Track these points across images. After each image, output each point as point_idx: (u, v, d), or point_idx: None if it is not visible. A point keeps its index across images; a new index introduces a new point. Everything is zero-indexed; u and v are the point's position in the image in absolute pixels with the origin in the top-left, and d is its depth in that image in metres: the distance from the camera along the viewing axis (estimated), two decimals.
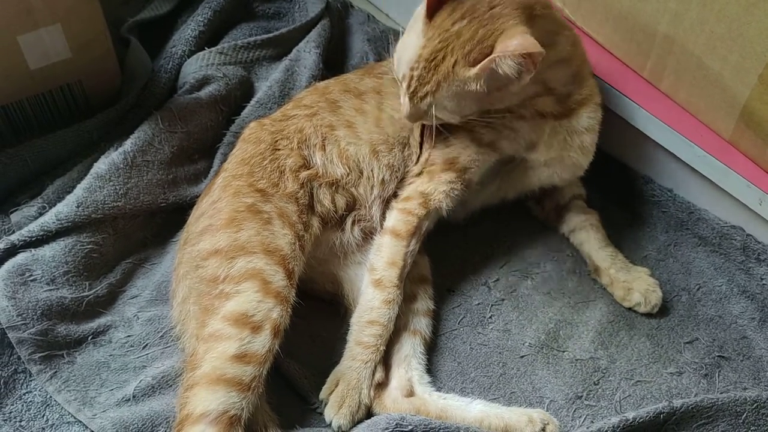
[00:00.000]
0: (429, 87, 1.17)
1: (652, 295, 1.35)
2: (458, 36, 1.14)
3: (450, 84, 1.16)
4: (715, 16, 1.28)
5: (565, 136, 1.30)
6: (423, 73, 1.17)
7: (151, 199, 1.37)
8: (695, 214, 1.48)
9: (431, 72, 1.17)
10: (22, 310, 1.19)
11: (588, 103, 1.31)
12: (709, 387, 1.26)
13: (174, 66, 1.59)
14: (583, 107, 1.31)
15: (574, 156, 1.32)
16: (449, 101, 1.18)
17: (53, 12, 1.34)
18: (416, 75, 1.18)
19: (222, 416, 1.03)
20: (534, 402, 1.24)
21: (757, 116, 1.30)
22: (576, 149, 1.31)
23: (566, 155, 1.32)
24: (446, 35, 1.15)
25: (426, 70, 1.17)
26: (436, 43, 1.16)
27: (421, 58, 1.17)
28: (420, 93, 1.19)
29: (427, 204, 1.29)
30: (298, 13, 1.79)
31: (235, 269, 1.14)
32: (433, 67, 1.16)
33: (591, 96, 1.32)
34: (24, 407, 1.15)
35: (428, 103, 1.19)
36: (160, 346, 1.25)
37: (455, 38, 1.14)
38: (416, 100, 1.20)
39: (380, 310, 1.23)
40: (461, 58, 1.14)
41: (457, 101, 1.19)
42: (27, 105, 1.42)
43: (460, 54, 1.14)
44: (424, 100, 1.19)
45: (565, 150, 1.31)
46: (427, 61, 1.16)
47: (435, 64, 1.16)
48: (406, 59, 1.20)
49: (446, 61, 1.15)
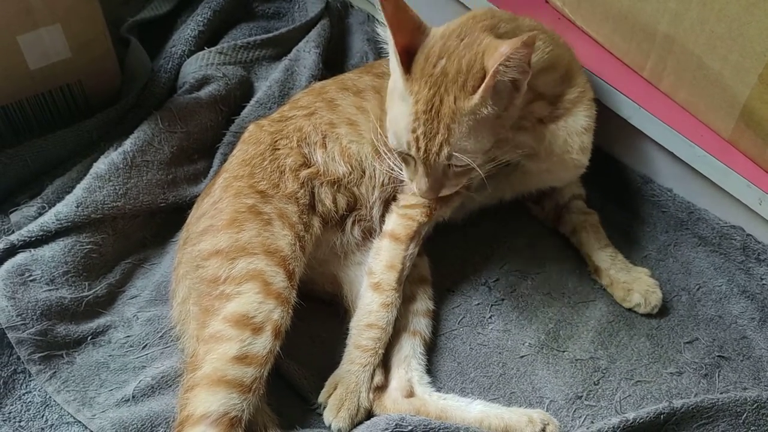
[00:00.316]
0: (440, 136, 1.12)
1: (652, 296, 1.35)
2: (445, 74, 1.11)
3: (460, 121, 1.11)
4: (715, 16, 1.28)
5: (566, 137, 1.29)
6: (427, 128, 1.12)
7: (150, 199, 1.37)
8: (695, 214, 1.48)
9: (435, 120, 1.12)
10: (21, 310, 1.19)
11: (582, 101, 1.30)
12: (709, 387, 1.26)
13: (174, 66, 1.59)
14: (577, 106, 1.30)
15: (576, 158, 1.31)
16: (466, 140, 1.12)
17: (53, 12, 1.34)
18: (420, 133, 1.12)
19: (222, 417, 1.03)
20: (534, 402, 1.24)
21: (757, 116, 1.30)
22: (578, 151, 1.30)
23: (568, 158, 1.31)
24: (433, 79, 1.12)
25: (428, 122, 1.12)
26: (426, 92, 1.12)
27: (419, 114, 1.12)
28: (433, 148, 1.13)
29: (430, 213, 1.29)
30: (297, 12, 1.79)
31: (236, 270, 1.13)
32: (434, 115, 1.12)
33: (584, 93, 1.31)
34: (23, 407, 1.15)
35: (447, 153, 1.12)
36: (160, 346, 1.25)
37: (443, 78, 1.11)
38: (432, 158, 1.13)
39: (379, 314, 1.23)
40: (459, 92, 1.11)
41: (474, 137, 1.13)
42: (27, 105, 1.42)
43: (457, 89, 1.11)
44: (442, 152, 1.12)
45: (567, 152, 1.30)
46: (426, 113, 1.12)
47: (435, 111, 1.11)
48: (403, 127, 1.14)
49: (446, 102, 1.11)
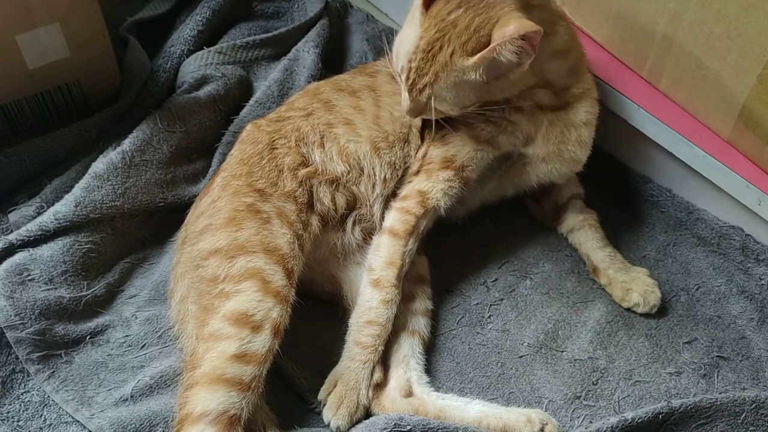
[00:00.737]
0: (427, 78, 1.16)
1: (651, 296, 1.35)
2: (455, 25, 1.14)
3: (448, 74, 1.15)
4: (714, 16, 1.28)
5: (562, 129, 1.30)
6: (421, 65, 1.16)
7: (149, 199, 1.37)
8: (694, 214, 1.48)
9: (429, 63, 1.16)
10: (20, 309, 1.18)
11: (585, 98, 1.31)
12: (707, 387, 1.26)
13: (173, 65, 1.59)
14: (580, 101, 1.31)
15: (572, 149, 1.31)
16: (448, 92, 1.18)
17: (52, 11, 1.33)
18: (414, 67, 1.17)
19: (222, 416, 1.03)
20: (533, 402, 1.24)
21: (756, 116, 1.30)
22: (573, 142, 1.31)
23: (564, 149, 1.31)
24: (443, 25, 1.14)
25: (424, 61, 1.16)
26: (432, 33, 1.15)
27: (419, 49, 1.16)
28: (419, 85, 1.18)
29: (425, 203, 1.29)
30: (297, 12, 1.78)
31: (235, 269, 1.13)
32: (430, 57, 1.15)
33: (589, 90, 1.32)
34: (22, 407, 1.15)
35: (427, 94, 1.18)
36: (159, 345, 1.25)
37: (452, 28, 1.14)
38: (415, 93, 1.19)
39: (378, 310, 1.23)
40: (458, 48, 1.13)
41: (456, 92, 1.18)
42: (25, 104, 1.42)
43: (458, 44, 1.13)
44: (423, 92, 1.18)
45: (563, 143, 1.30)
46: (425, 52, 1.15)
47: (432, 55, 1.15)
48: (404, 51, 1.19)
49: (444, 51, 1.14)
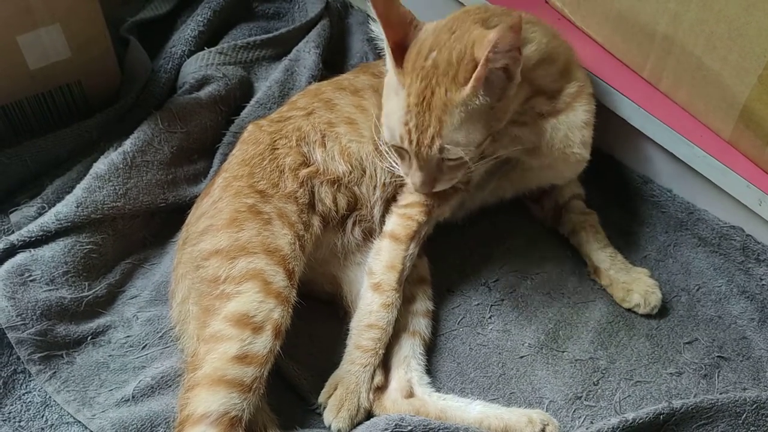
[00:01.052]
0: (432, 129, 1.12)
1: (652, 297, 1.34)
2: (436, 67, 1.12)
3: (452, 113, 1.12)
4: (715, 17, 1.28)
5: (566, 132, 1.29)
6: (419, 120, 1.13)
7: (150, 200, 1.37)
8: (695, 215, 1.48)
9: (427, 113, 1.12)
10: (21, 310, 1.19)
11: (581, 96, 1.30)
12: (708, 387, 1.26)
13: (174, 66, 1.59)
14: (577, 101, 1.30)
15: (577, 152, 1.31)
16: (458, 133, 1.13)
17: (52, 12, 1.34)
18: (413, 126, 1.13)
19: (223, 417, 1.03)
20: (533, 402, 1.24)
21: (756, 116, 1.30)
22: (579, 145, 1.30)
23: (570, 152, 1.30)
24: (424, 72, 1.12)
25: (420, 114, 1.13)
26: (418, 84, 1.13)
27: (411, 106, 1.13)
28: (425, 140, 1.13)
29: (429, 212, 1.29)
30: (297, 13, 1.79)
31: (236, 270, 1.13)
32: (426, 107, 1.12)
33: (583, 87, 1.31)
34: (23, 407, 1.15)
35: (438, 145, 1.13)
36: (160, 346, 1.25)
37: (434, 70, 1.12)
38: (425, 151, 1.14)
39: (379, 314, 1.23)
40: (450, 84, 1.12)
41: (466, 129, 1.13)
42: (26, 105, 1.42)
43: (448, 81, 1.12)
44: (434, 145, 1.13)
45: (569, 147, 1.30)
46: (418, 105, 1.13)
47: (427, 104, 1.12)
48: (396, 120, 1.16)
49: (437, 94, 1.12)
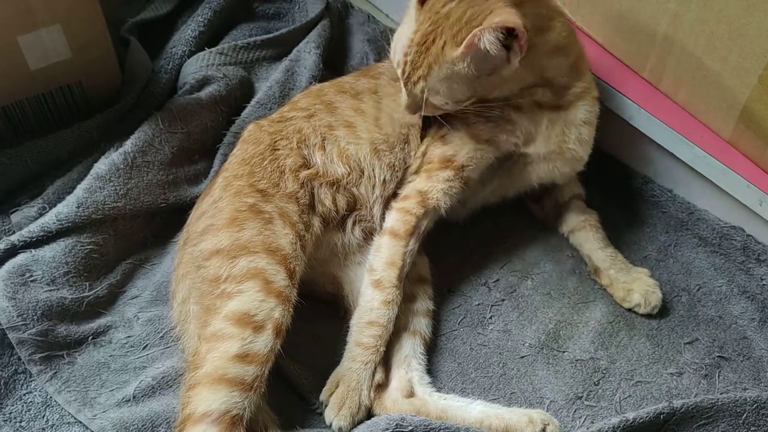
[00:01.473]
0: (421, 71, 1.18)
1: (652, 296, 1.35)
2: (447, 17, 1.15)
3: (440, 66, 1.16)
4: (715, 17, 1.28)
5: (563, 127, 1.29)
6: (415, 58, 1.18)
7: (151, 200, 1.37)
8: (695, 215, 1.48)
9: (423, 55, 1.17)
10: (22, 310, 1.19)
11: (586, 97, 1.31)
12: (709, 387, 1.26)
13: (174, 66, 1.59)
14: (580, 100, 1.30)
15: (573, 148, 1.31)
16: (441, 85, 1.18)
17: (53, 12, 1.34)
18: (409, 60, 1.19)
19: (224, 416, 1.03)
20: (534, 402, 1.24)
21: (756, 117, 1.30)
22: (574, 141, 1.30)
23: (565, 148, 1.31)
24: (436, 17, 1.15)
25: (418, 54, 1.17)
26: (426, 27, 1.16)
27: (413, 43, 1.17)
28: (413, 78, 1.19)
29: (426, 203, 1.29)
30: (298, 13, 1.79)
31: (237, 269, 1.13)
32: (424, 50, 1.17)
33: (589, 89, 1.32)
34: (24, 408, 1.15)
35: (421, 87, 1.19)
36: (161, 346, 1.25)
37: (445, 20, 1.15)
38: (410, 86, 1.21)
39: (379, 311, 1.23)
40: (450, 39, 1.14)
41: (448, 85, 1.18)
42: (27, 105, 1.42)
43: (449, 35, 1.14)
44: (417, 85, 1.19)
45: (563, 142, 1.30)
46: (419, 45, 1.17)
47: (426, 47, 1.16)
48: (401, 46, 1.20)
49: (436, 43, 1.15)
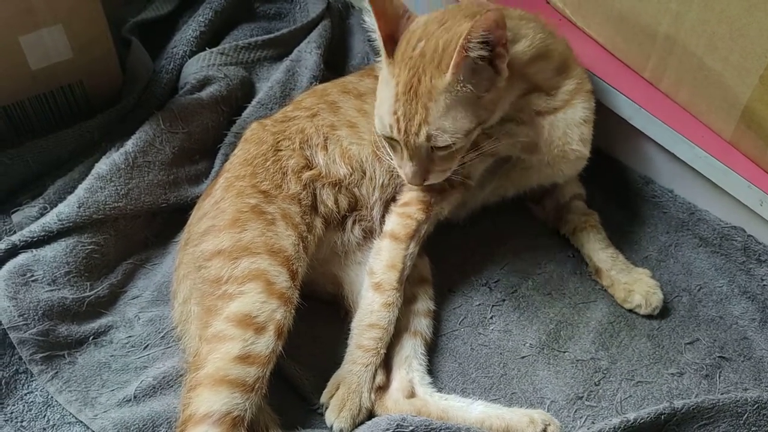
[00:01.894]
0: (419, 116, 1.14)
1: (653, 297, 1.34)
2: (423, 56, 1.14)
3: (437, 100, 1.13)
4: (716, 17, 1.28)
5: (565, 129, 1.29)
6: (407, 108, 1.14)
7: (152, 200, 1.37)
8: (696, 215, 1.48)
9: (414, 101, 1.14)
10: (23, 310, 1.19)
11: (580, 93, 1.31)
12: (710, 388, 1.26)
13: (175, 66, 1.59)
14: (575, 98, 1.30)
15: (577, 149, 1.31)
16: (444, 120, 1.14)
17: (54, 12, 1.34)
18: (401, 114, 1.15)
19: (225, 417, 1.03)
20: (535, 403, 1.24)
21: (758, 117, 1.30)
22: (578, 141, 1.30)
23: (569, 150, 1.31)
24: (412, 62, 1.14)
25: (408, 102, 1.14)
26: (406, 74, 1.14)
27: (399, 96, 1.15)
28: (413, 128, 1.15)
29: (427, 209, 1.29)
30: (299, 13, 1.79)
31: (238, 270, 1.14)
32: (413, 95, 1.14)
33: (581, 84, 1.32)
34: (25, 407, 1.16)
35: (425, 133, 1.14)
36: (161, 346, 1.25)
37: (421, 59, 1.14)
38: (412, 139, 1.15)
39: (380, 314, 1.23)
40: (435, 71, 1.13)
41: (452, 116, 1.14)
42: (28, 105, 1.42)
43: (432, 68, 1.13)
44: (421, 133, 1.14)
45: (567, 144, 1.30)
46: (406, 94, 1.14)
47: (414, 92, 1.14)
48: (386, 110, 1.17)
49: (423, 82, 1.13)
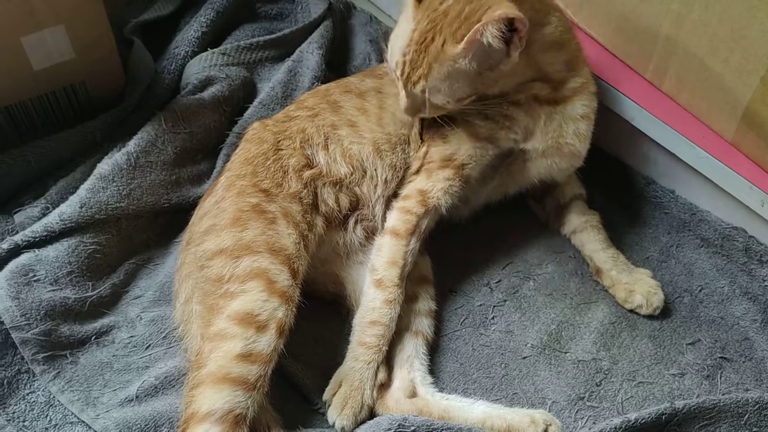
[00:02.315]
0: (421, 70, 1.17)
1: (654, 298, 1.35)
2: (446, 15, 1.14)
3: (441, 64, 1.16)
4: (718, 18, 1.28)
5: (560, 122, 1.30)
6: (414, 57, 1.17)
7: (154, 200, 1.37)
8: (697, 216, 1.48)
9: (422, 54, 1.16)
10: (25, 310, 1.19)
11: (583, 92, 1.31)
12: (711, 388, 1.26)
13: (177, 67, 1.59)
14: (577, 95, 1.31)
15: (570, 143, 1.31)
16: (442, 83, 1.18)
17: (57, 13, 1.34)
18: (408, 60, 1.18)
19: (227, 415, 1.03)
20: (536, 403, 1.24)
21: (759, 118, 1.30)
22: (572, 136, 1.31)
23: (563, 143, 1.31)
24: (434, 15, 1.15)
25: (417, 53, 1.17)
26: (425, 25, 1.15)
27: (412, 42, 1.17)
28: (413, 78, 1.19)
29: (426, 202, 1.29)
30: (300, 14, 1.79)
31: (240, 269, 1.14)
32: (423, 48, 1.16)
33: (586, 84, 1.32)
34: (27, 407, 1.16)
35: (422, 87, 1.19)
36: (163, 346, 1.25)
37: (443, 17, 1.14)
38: (410, 86, 1.20)
39: (382, 310, 1.23)
40: (449, 36, 1.14)
41: (449, 83, 1.18)
42: (31, 106, 1.42)
43: (449, 32, 1.14)
44: (418, 85, 1.19)
45: (561, 137, 1.31)
46: (418, 44, 1.16)
47: (425, 46, 1.16)
48: (399, 46, 1.20)
49: (436, 41, 1.15)
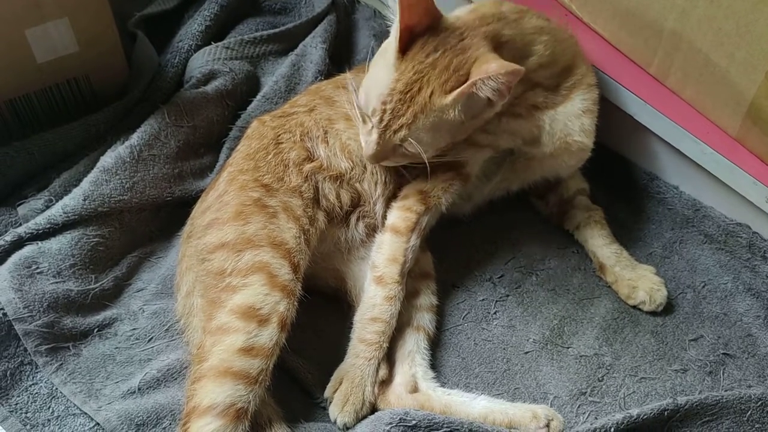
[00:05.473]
0: (404, 119, 1.16)
1: (657, 294, 1.34)
2: (433, 67, 1.14)
3: (427, 115, 1.15)
4: (723, 13, 1.28)
5: (565, 122, 1.30)
6: (397, 106, 1.16)
7: (157, 193, 1.38)
8: (701, 212, 1.48)
9: (406, 104, 1.15)
10: (28, 302, 1.19)
11: (579, 86, 1.31)
12: (713, 384, 1.26)
13: (180, 60, 1.60)
14: (574, 92, 1.30)
15: (579, 140, 1.31)
16: (425, 133, 1.17)
17: (61, 6, 1.34)
18: (389, 108, 1.16)
19: (229, 409, 1.04)
20: (538, 398, 1.24)
21: (763, 113, 1.30)
22: (579, 132, 1.31)
23: (571, 141, 1.31)
24: (421, 67, 1.14)
25: (401, 102, 1.15)
26: (410, 75, 1.15)
27: (395, 91, 1.15)
28: (394, 126, 1.17)
29: (426, 201, 1.29)
30: (304, 8, 1.79)
31: (242, 262, 1.14)
32: (408, 99, 1.15)
33: (581, 79, 1.32)
34: (30, 399, 1.16)
35: (402, 136, 1.17)
36: (165, 339, 1.25)
37: (430, 69, 1.14)
38: (389, 134, 1.18)
39: (382, 307, 1.23)
40: (438, 88, 1.14)
41: (433, 133, 1.18)
42: (34, 98, 1.43)
43: (437, 84, 1.14)
44: (399, 134, 1.17)
45: (569, 135, 1.30)
46: (402, 93, 1.15)
47: (410, 96, 1.15)
48: (377, 94, 1.18)
49: (423, 92, 1.14)
